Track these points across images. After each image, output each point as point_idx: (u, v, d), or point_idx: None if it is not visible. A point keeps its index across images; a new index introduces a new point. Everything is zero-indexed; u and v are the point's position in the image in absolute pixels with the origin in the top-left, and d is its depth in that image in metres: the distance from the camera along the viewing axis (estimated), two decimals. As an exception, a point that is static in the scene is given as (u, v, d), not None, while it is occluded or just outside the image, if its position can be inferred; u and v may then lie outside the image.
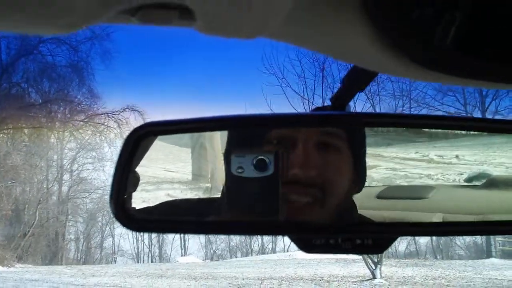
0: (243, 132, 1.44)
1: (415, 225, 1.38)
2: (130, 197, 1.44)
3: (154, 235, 38.66)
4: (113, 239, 39.87)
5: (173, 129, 1.38)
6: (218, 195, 1.41)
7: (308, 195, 1.36)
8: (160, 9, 0.62)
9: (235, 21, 0.63)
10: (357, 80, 1.37)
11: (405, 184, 1.65)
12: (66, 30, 0.62)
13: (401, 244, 36.70)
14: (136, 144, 1.28)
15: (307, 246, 1.27)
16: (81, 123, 27.58)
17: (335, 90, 1.43)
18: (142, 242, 40.85)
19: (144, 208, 1.46)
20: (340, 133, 1.43)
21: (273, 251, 35.68)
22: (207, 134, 1.62)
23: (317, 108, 1.57)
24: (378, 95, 24.22)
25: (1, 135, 26.96)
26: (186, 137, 1.66)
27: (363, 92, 1.38)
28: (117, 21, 0.67)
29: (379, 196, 1.49)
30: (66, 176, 33.38)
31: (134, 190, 1.45)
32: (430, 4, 0.64)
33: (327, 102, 1.44)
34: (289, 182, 1.33)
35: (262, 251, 37.87)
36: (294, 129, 1.42)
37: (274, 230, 1.37)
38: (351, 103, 1.40)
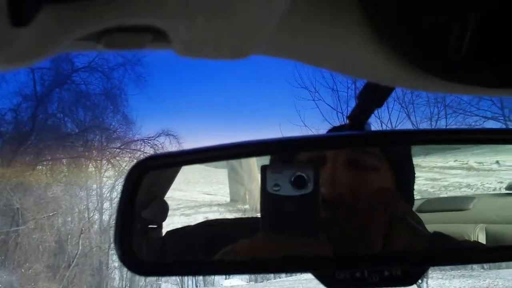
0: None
1: (450, 252, 1.28)
2: (157, 229, 1.41)
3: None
4: (156, 264, 39.98)
5: (177, 162, 1.32)
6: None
7: None
8: (129, 33, 0.56)
9: (216, 42, 0.58)
10: (373, 95, 1.27)
11: (445, 195, 1.61)
12: (11, 65, 0.55)
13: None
14: (139, 181, 1.21)
15: (329, 281, 1.20)
16: (118, 150, 27.91)
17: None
18: (185, 266, 40.87)
19: (157, 249, 1.43)
20: (376, 152, 1.36)
21: (316, 268, 35.39)
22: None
23: (334, 128, 1.51)
24: (412, 104, 23.96)
25: (40, 167, 27.34)
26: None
27: (398, 102, 1.31)
28: (80, 49, 0.62)
29: (419, 210, 1.44)
30: (106, 205, 33.54)
31: (164, 220, 1.42)
32: (441, 10, 0.58)
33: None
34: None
35: (306, 269, 37.60)
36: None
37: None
38: (386, 118, 1.33)
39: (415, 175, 1.43)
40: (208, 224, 1.50)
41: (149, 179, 1.27)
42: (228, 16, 0.54)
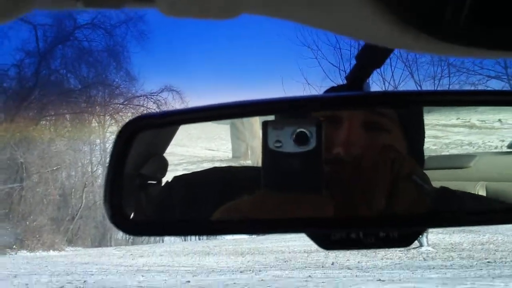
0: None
1: (453, 214, 1.25)
2: (154, 185, 1.41)
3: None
4: (159, 218, 40.14)
5: (170, 121, 1.27)
6: None
7: None
8: None
9: (202, 1, 0.54)
10: (372, 56, 1.24)
11: (447, 153, 1.62)
12: None
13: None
14: (130, 140, 1.17)
15: (324, 242, 1.20)
16: (121, 106, 27.94)
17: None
18: (188, 220, 41.01)
19: (159, 201, 1.43)
20: (392, 114, 1.34)
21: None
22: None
23: (331, 88, 1.48)
24: (415, 62, 23.78)
25: (44, 122, 27.36)
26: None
27: (401, 60, 1.27)
28: (58, 7, 0.57)
29: (420, 167, 1.43)
30: (109, 159, 33.73)
31: (164, 176, 1.42)
32: None
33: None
34: (333, 162, 1.25)
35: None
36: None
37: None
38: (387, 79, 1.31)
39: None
40: (216, 170, 1.49)
41: (146, 137, 1.26)
42: None
